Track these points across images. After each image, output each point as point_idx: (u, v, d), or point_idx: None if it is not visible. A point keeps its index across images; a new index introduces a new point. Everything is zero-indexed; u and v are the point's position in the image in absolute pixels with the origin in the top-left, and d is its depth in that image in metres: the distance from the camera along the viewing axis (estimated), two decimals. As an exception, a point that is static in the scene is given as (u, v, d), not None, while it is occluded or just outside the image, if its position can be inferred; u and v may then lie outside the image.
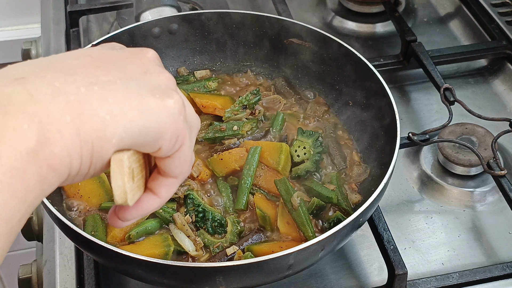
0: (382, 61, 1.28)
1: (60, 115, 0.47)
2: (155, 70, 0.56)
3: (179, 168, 0.58)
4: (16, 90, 0.46)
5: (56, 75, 0.49)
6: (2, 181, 0.43)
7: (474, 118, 1.09)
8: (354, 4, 1.46)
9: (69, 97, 0.47)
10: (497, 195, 1.07)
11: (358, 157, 1.02)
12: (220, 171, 0.97)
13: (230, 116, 1.06)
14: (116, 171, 0.54)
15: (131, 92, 0.52)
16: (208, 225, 0.90)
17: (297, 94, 1.13)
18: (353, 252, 1.00)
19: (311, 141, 1.01)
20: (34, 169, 0.45)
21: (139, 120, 0.51)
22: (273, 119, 1.07)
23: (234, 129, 1.03)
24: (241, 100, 1.07)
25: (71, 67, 0.50)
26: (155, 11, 1.17)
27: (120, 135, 0.50)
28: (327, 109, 1.10)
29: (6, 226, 0.44)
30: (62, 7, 1.44)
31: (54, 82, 0.48)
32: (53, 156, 0.46)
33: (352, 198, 0.96)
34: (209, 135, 1.03)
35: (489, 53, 1.32)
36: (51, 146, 0.46)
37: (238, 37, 1.16)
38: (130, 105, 0.51)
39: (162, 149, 0.54)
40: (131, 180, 0.56)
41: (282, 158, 0.97)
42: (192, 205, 0.91)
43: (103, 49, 0.56)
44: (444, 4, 1.51)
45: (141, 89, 0.53)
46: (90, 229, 0.89)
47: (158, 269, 0.77)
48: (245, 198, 0.94)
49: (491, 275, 0.94)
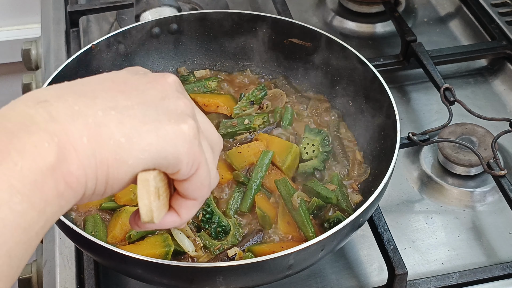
0: (382, 61, 1.28)
1: (78, 136, 0.50)
2: (173, 95, 0.58)
3: (197, 191, 0.60)
4: (39, 112, 0.49)
5: (77, 99, 0.52)
6: (23, 192, 0.46)
7: (474, 118, 1.09)
8: (354, 4, 1.46)
9: (87, 119, 0.51)
10: (497, 195, 1.07)
11: (361, 156, 1.02)
12: (238, 164, 0.97)
13: (239, 112, 1.06)
14: (143, 191, 0.55)
15: (148, 117, 0.54)
16: (212, 228, 0.90)
17: (298, 92, 1.13)
18: (353, 252, 1.00)
19: (319, 139, 1.01)
20: (52, 184, 0.48)
21: (156, 144, 0.54)
22: (280, 112, 1.07)
23: (245, 123, 1.04)
24: (248, 96, 1.08)
25: (93, 91, 0.54)
26: (155, 11, 1.17)
27: (137, 156, 0.53)
28: (328, 106, 1.10)
29: (25, 236, 0.46)
30: (62, 7, 1.44)
31: (74, 105, 0.51)
32: (70, 174, 0.49)
33: (353, 198, 0.96)
34: (222, 132, 1.03)
35: (489, 53, 1.32)
36: (68, 164, 0.49)
37: (238, 37, 1.16)
38: (147, 129, 0.53)
39: (181, 172, 0.57)
40: (157, 199, 0.57)
41: (289, 159, 0.98)
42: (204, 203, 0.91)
43: (127, 74, 0.59)
44: (444, 4, 1.51)
45: (158, 114, 0.55)
46: (90, 229, 0.89)
47: (158, 269, 0.77)
48: (250, 201, 0.94)
49: (491, 275, 0.94)
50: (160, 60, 1.16)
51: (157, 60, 1.16)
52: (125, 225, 0.89)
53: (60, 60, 1.30)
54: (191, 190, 0.60)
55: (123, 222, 0.89)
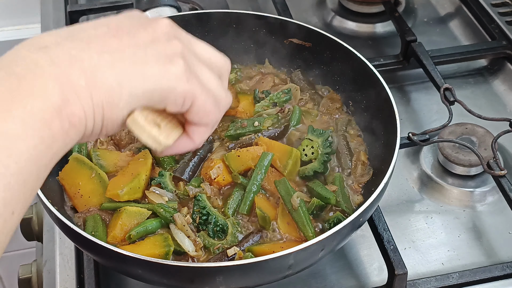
0: (382, 61, 1.28)
1: (76, 79, 0.55)
2: (164, 37, 0.62)
3: (204, 118, 0.66)
4: (41, 56, 0.55)
5: (74, 44, 0.57)
6: (34, 128, 0.52)
7: (474, 118, 1.09)
8: (354, 4, 1.46)
9: (83, 63, 0.56)
10: (497, 195, 1.07)
11: (365, 157, 1.01)
12: (236, 167, 0.97)
13: (260, 111, 1.07)
14: (138, 129, 0.62)
15: (137, 59, 0.59)
16: (209, 228, 0.90)
17: (313, 89, 1.13)
18: (353, 252, 1.00)
19: (321, 140, 1.00)
20: (58, 123, 0.54)
21: (142, 86, 0.59)
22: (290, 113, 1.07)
23: (255, 125, 1.03)
24: (272, 97, 1.08)
25: (89, 36, 0.58)
26: (155, 11, 1.17)
27: (126, 100, 0.58)
28: (340, 106, 1.09)
29: (36, 167, 0.53)
30: (62, 7, 1.44)
31: (71, 50, 0.56)
32: (73, 114, 0.55)
33: (355, 199, 0.96)
34: (231, 132, 1.03)
35: (489, 53, 1.32)
36: (71, 106, 0.55)
37: (238, 37, 1.16)
38: (134, 72, 0.58)
39: (172, 107, 0.63)
40: (155, 127, 0.64)
41: (290, 163, 0.97)
42: (198, 206, 0.91)
43: (122, 18, 0.63)
44: (444, 4, 1.51)
45: (147, 56, 0.60)
46: (90, 229, 0.89)
47: (158, 269, 0.77)
48: (249, 204, 0.94)
49: (491, 275, 0.94)
50: (160, 60, 1.16)
51: (157, 60, 1.16)
52: (125, 225, 0.89)
53: (60, 60, 1.30)
54: (198, 119, 0.65)
55: (123, 222, 0.89)
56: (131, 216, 0.90)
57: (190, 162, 0.98)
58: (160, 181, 0.95)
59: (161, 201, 0.93)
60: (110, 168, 0.98)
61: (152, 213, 0.92)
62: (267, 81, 1.13)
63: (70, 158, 0.97)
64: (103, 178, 0.95)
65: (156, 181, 0.95)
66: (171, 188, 0.95)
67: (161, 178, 0.95)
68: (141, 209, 0.91)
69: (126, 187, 0.92)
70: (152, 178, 0.96)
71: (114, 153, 1.01)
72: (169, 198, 0.93)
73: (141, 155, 0.99)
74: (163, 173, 0.96)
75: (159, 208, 0.91)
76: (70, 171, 0.95)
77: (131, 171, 0.95)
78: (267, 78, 1.14)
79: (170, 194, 0.94)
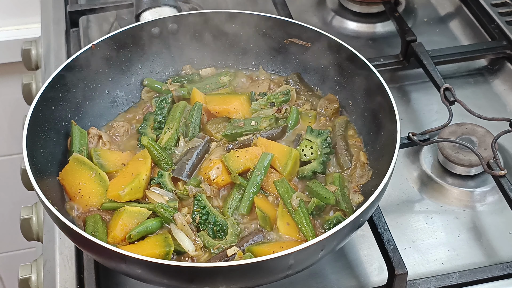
0: (382, 61, 1.28)
1: None
2: None
3: None
4: None
5: None
6: None
7: (474, 118, 1.09)
8: (354, 4, 1.46)
9: None
10: (497, 195, 1.07)
11: (365, 158, 1.01)
12: (235, 168, 0.97)
13: (257, 109, 1.06)
14: None
15: None
16: (209, 228, 0.90)
17: (310, 91, 1.13)
18: (353, 252, 1.00)
19: (319, 141, 1.00)
20: None
21: None
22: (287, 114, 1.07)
23: (252, 124, 1.04)
24: (270, 97, 1.08)
25: None
26: (155, 11, 1.17)
27: None
28: (337, 106, 1.09)
29: None
30: (62, 7, 1.44)
31: None
32: None
33: (354, 199, 0.96)
34: (228, 132, 1.03)
35: (489, 53, 1.32)
36: None
37: (238, 37, 1.16)
38: None
39: None
40: None
41: (289, 164, 0.97)
42: (198, 206, 0.91)
43: None
44: (444, 4, 1.51)
45: None
46: (91, 229, 0.89)
47: (158, 269, 0.77)
48: (249, 204, 0.94)
49: (491, 275, 0.94)
50: (160, 60, 1.17)
51: (157, 60, 1.16)
52: (126, 225, 0.89)
53: (60, 60, 1.30)
54: None
55: (123, 222, 0.89)
56: (132, 216, 0.90)
57: (187, 162, 0.98)
58: (159, 181, 0.95)
59: (162, 201, 0.93)
60: (111, 168, 0.99)
61: (152, 213, 0.92)
62: (263, 86, 1.13)
63: (71, 158, 0.97)
64: (103, 178, 0.95)
65: (156, 181, 0.95)
66: (170, 188, 0.95)
67: (160, 178, 0.95)
68: (141, 209, 0.91)
69: (127, 188, 0.92)
70: (152, 178, 0.96)
71: (115, 153, 1.01)
72: (169, 198, 0.93)
73: (140, 154, 0.99)
74: (162, 173, 0.96)
75: (160, 207, 0.91)
76: (70, 171, 0.95)
77: (131, 171, 0.95)
78: (263, 83, 1.14)
79: (170, 193, 0.94)
